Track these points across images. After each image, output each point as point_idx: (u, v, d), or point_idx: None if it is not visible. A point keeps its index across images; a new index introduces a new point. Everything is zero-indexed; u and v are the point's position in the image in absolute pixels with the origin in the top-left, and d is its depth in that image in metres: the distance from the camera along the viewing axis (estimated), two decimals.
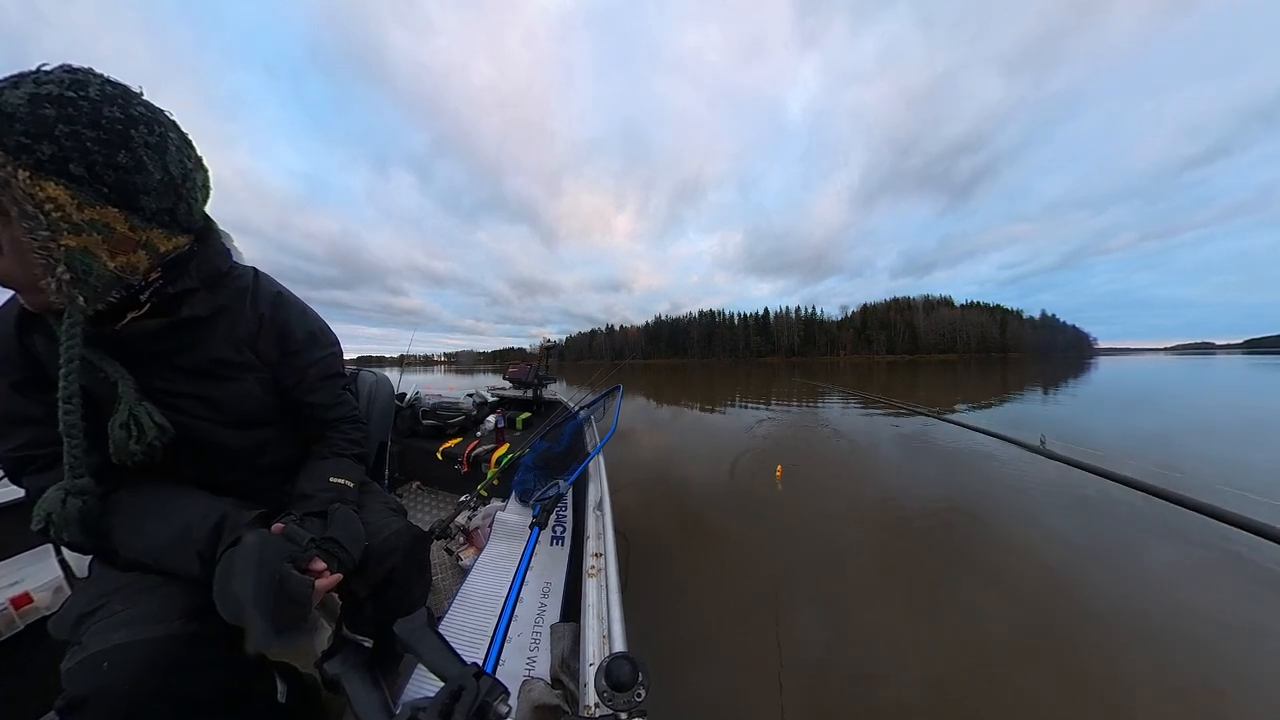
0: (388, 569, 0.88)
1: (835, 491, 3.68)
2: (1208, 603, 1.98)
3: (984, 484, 3.70)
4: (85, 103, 0.54)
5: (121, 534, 0.69)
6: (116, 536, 0.69)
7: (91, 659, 0.61)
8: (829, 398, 10.60)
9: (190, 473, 0.80)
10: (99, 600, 0.68)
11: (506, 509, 1.83)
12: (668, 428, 6.98)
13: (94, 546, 0.71)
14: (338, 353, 1.02)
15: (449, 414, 2.70)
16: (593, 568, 1.00)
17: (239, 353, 0.82)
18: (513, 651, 1.14)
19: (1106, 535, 2.67)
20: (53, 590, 1.15)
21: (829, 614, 1.96)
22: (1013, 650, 1.70)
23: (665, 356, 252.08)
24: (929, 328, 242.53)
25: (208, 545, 0.69)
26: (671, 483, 3.90)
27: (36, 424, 0.67)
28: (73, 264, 0.57)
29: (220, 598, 0.63)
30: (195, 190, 0.69)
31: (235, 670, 0.72)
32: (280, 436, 0.92)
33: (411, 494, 2.46)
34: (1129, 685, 1.52)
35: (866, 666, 1.64)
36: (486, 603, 1.37)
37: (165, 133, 0.62)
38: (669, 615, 1.94)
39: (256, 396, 0.84)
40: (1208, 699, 1.48)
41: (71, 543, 0.69)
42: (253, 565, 0.63)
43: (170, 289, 0.70)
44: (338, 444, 0.98)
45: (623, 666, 0.57)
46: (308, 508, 0.82)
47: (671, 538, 2.81)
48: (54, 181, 0.53)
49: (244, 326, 0.83)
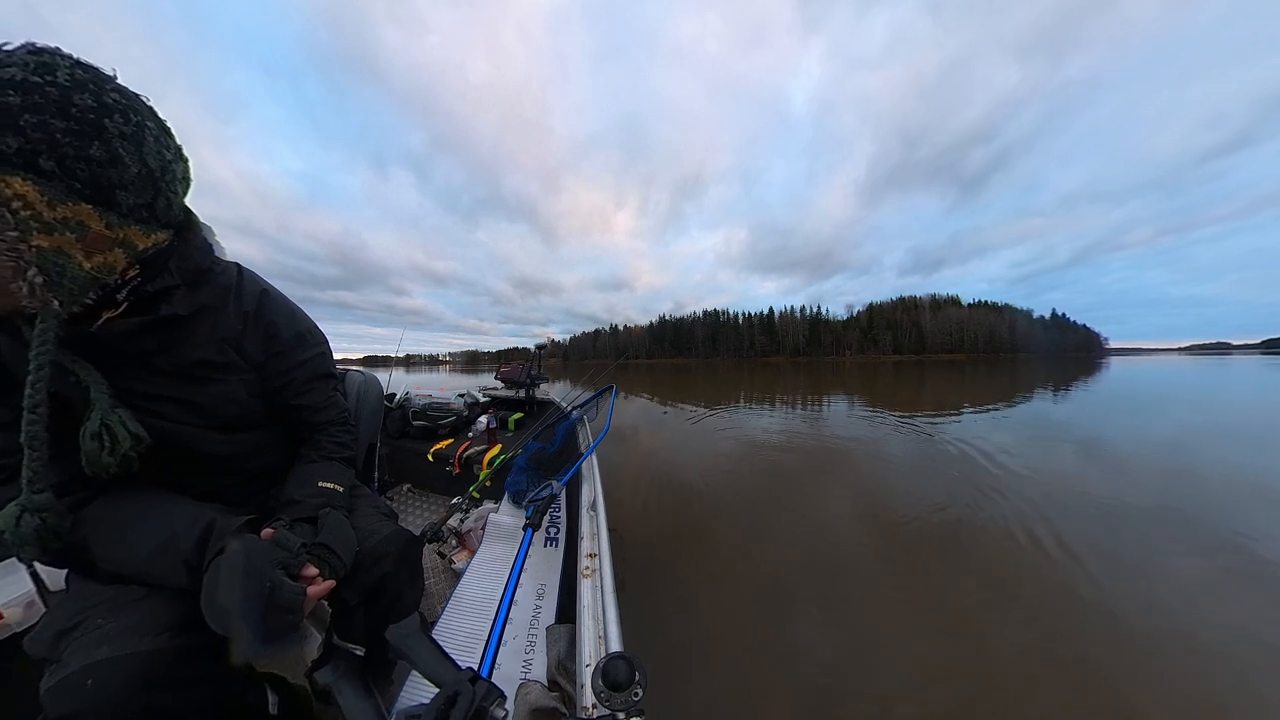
0: (379, 575, 0.88)
1: (838, 491, 3.70)
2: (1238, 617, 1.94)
3: (988, 487, 3.72)
4: (53, 89, 0.51)
5: (102, 546, 0.68)
6: (96, 549, 0.68)
7: (74, 677, 0.59)
8: (834, 398, 10.64)
9: (174, 479, 0.78)
10: (79, 615, 0.66)
11: (499, 511, 1.84)
12: (667, 427, 6.99)
13: (70, 560, 0.70)
14: (326, 352, 1.01)
15: (440, 415, 2.70)
16: (587, 568, 1.01)
17: (222, 353, 0.80)
18: (508, 655, 1.15)
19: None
20: (24, 606, 1.12)
21: (830, 615, 1.97)
22: (1023, 661, 1.72)
23: (669, 356, 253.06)
24: (936, 327, 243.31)
25: (195, 554, 0.67)
26: (671, 482, 3.91)
27: (2, 430, 0.64)
28: (45, 266, 0.55)
29: (207, 608, 0.62)
30: (175, 183, 0.66)
31: (225, 683, 0.72)
32: (268, 440, 0.92)
33: (402, 497, 2.47)
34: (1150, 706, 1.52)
35: (867, 667, 1.66)
36: (480, 606, 1.38)
37: (142, 121, 0.59)
38: (666, 616, 1.96)
39: (241, 399, 0.83)
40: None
41: (43, 559, 0.67)
42: (239, 573, 0.62)
43: (149, 287, 0.68)
44: (326, 447, 0.98)
45: (619, 666, 0.59)
46: (297, 513, 0.82)
47: (669, 537, 2.82)
48: (20, 177, 0.50)
49: (227, 326, 0.82)
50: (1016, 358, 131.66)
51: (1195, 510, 3.12)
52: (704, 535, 2.90)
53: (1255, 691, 1.56)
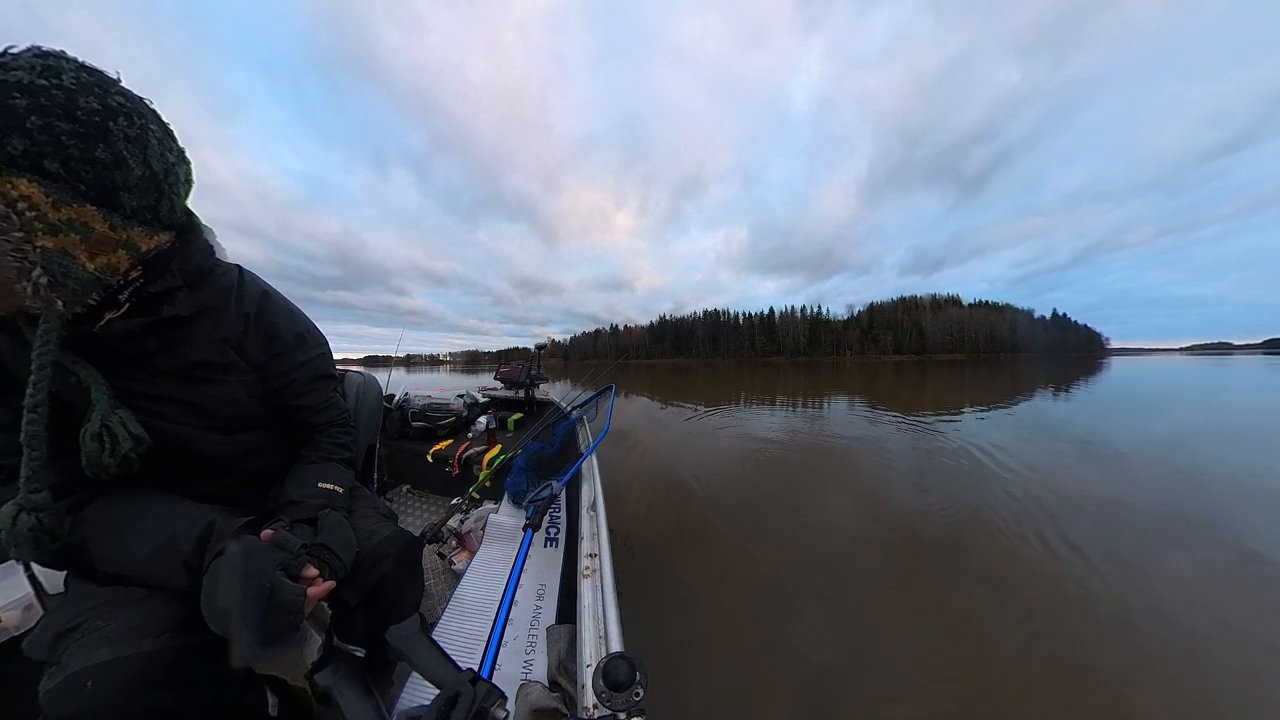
0: (379, 576, 0.88)
1: (837, 489, 3.71)
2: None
3: (989, 486, 3.73)
4: (59, 92, 0.52)
5: (101, 547, 0.68)
6: (95, 550, 0.68)
7: (73, 678, 0.59)
8: (834, 398, 10.65)
9: (174, 480, 0.79)
10: (79, 617, 0.66)
11: (499, 511, 1.84)
12: (667, 426, 7.00)
13: (69, 561, 0.70)
14: (327, 354, 1.02)
15: (439, 415, 2.71)
16: (587, 569, 1.01)
17: (223, 354, 0.81)
18: (509, 655, 1.15)
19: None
20: (22, 609, 1.12)
21: (830, 615, 1.98)
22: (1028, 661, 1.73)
23: (669, 356, 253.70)
24: (936, 327, 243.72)
25: (194, 555, 0.68)
26: (671, 480, 3.91)
27: (1, 430, 0.65)
28: (50, 267, 0.56)
29: (207, 609, 0.62)
30: (178, 185, 0.68)
31: (225, 684, 0.72)
32: (267, 441, 0.92)
33: (402, 498, 2.47)
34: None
35: (866, 667, 1.67)
36: (481, 607, 1.38)
37: (146, 124, 0.61)
38: (666, 616, 1.96)
39: (241, 400, 0.83)
40: None
41: (39, 559, 0.67)
42: (238, 575, 0.62)
43: (151, 288, 0.69)
44: (326, 448, 0.99)
45: (620, 666, 0.59)
46: (297, 514, 0.83)
47: (669, 537, 2.82)
48: (26, 178, 0.51)
49: (228, 327, 0.82)
50: (1017, 358, 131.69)
51: (1195, 510, 3.13)
52: (703, 534, 2.90)
53: (1254, 692, 1.57)
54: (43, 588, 1.16)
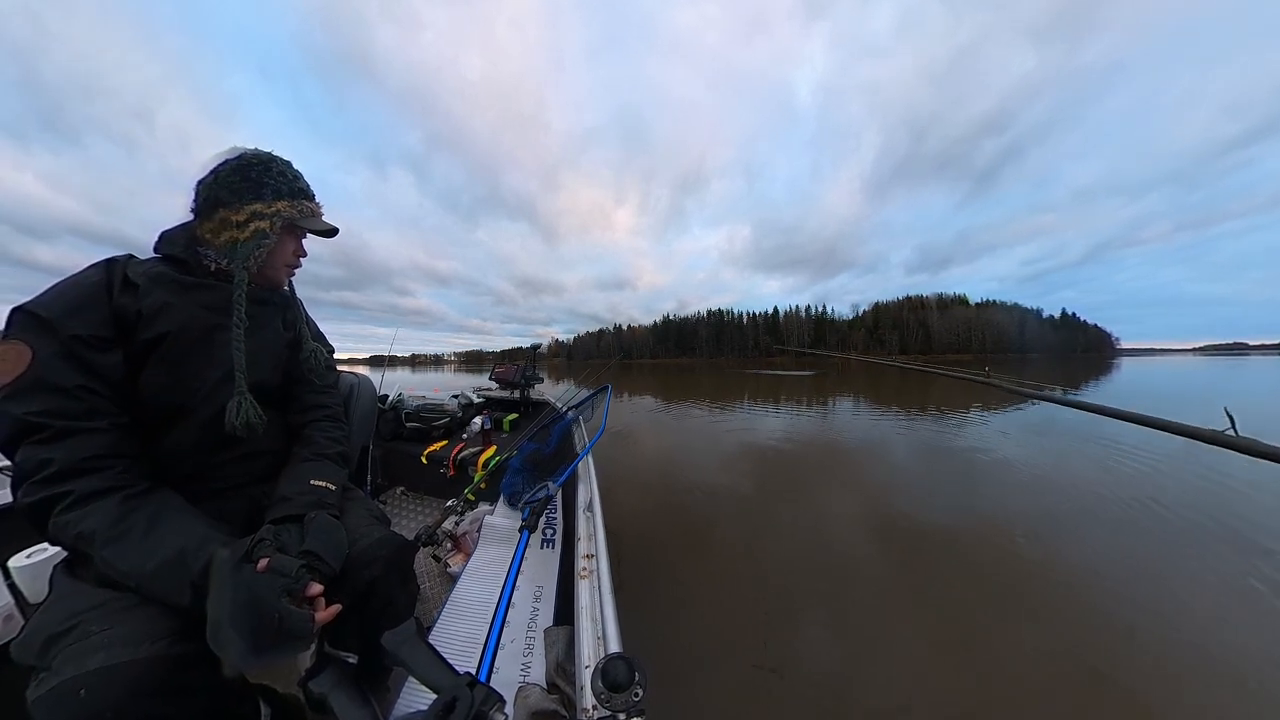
0: (368, 579, 0.88)
1: (837, 489, 3.71)
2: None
3: (990, 486, 3.74)
4: (272, 162, 0.95)
5: (107, 547, 0.69)
6: (101, 550, 0.69)
7: (65, 685, 0.58)
8: (838, 397, 10.65)
9: (193, 439, 0.85)
10: (71, 620, 0.66)
11: (495, 513, 1.84)
12: (666, 425, 7.00)
13: (72, 549, 0.72)
14: (331, 349, 1.18)
15: (433, 416, 2.70)
16: (584, 569, 1.02)
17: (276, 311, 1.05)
18: (506, 658, 1.16)
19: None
20: (2, 619, 1.12)
21: (830, 615, 1.99)
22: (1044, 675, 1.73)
23: (673, 356, 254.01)
24: (943, 327, 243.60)
25: (202, 576, 0.68)
26: (672, 480, 3.92)
27: (63, 394, 0.71)
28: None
29: (214, 636, 0.63)
30: None
31: (221, 693, 0.72)
32: (275, 421, 1.00)
33: (395, 500, 2.47)
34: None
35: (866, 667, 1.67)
36: (477, 610, 1.39)
37: (298, 173, 1.01)
38: (665, 616, 1.97)
39: (278, 350, 1.02)
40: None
41: (55, 537, 0.70)
42: (228, 587, 0.64)
43: None
44: (319, 443, 1.02)
45: (619, 667, 0.60)
46: (286, 510, 0.84)
47: (669, 536, 2.83)
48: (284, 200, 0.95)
49: (282, 296, 1.07)
50: (1025, 358, 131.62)
51: (1205, 512, 3.14)
52: (704, 533, 2.91)
53: (1265, 702, 1.57)
54: (24, 597, 1.15)
